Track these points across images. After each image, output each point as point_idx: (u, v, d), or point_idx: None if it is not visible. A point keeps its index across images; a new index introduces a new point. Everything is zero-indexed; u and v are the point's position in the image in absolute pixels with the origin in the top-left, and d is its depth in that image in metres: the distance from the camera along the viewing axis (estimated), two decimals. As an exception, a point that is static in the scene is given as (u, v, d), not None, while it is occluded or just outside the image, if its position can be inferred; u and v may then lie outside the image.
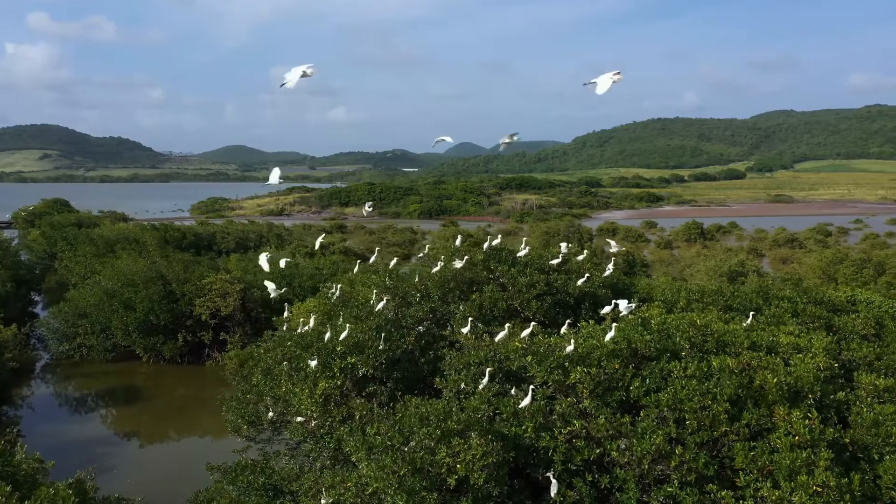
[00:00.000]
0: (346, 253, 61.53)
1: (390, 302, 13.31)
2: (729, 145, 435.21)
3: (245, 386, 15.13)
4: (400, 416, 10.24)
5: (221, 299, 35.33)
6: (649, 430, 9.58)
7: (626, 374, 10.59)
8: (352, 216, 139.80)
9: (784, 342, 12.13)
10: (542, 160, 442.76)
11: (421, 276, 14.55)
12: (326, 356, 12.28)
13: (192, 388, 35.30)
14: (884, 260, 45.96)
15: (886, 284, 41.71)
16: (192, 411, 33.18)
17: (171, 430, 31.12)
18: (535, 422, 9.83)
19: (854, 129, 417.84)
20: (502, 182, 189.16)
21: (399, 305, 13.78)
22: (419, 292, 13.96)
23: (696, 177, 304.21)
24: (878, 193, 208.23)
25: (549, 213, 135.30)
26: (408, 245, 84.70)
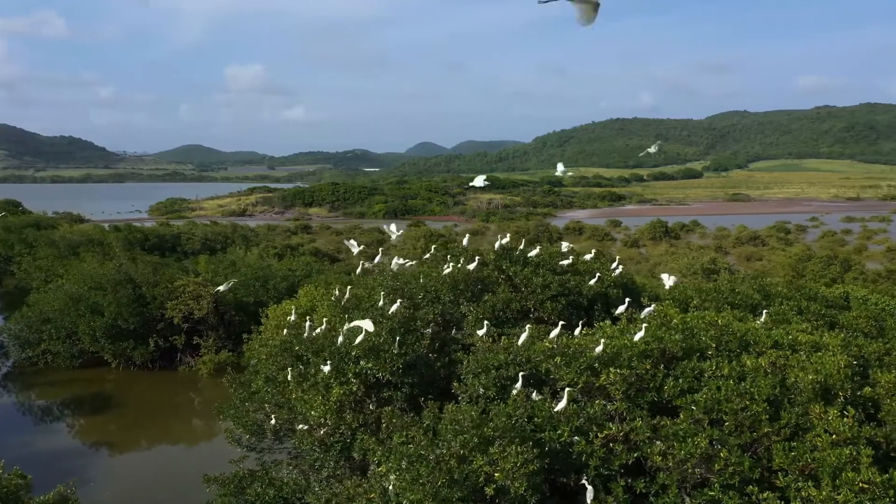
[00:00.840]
0: (316, 254, 60.58)
1: (402, 305, 12.81)
2: (686, 145, 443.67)
3: (243, 393, 14.46)
4: (427, 423, 9.80)
5: (195, 302, 34.32)
6: (690, 433, 9.30)
7: (658, 375, 10.31)
8: (316, 216, 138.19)
9: (803, 340, 12.01)
10: (503, 160, 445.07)
11: (426, 276, 14.10)
12: (339, 361, 11.75)
13: (165, 394, 34.21)
14: (848, 256, 47.12)
15: (852, 280, 42.71)
16: (165, 418, 32.12)
17: (143, 439, 30.05)
18: (571, 426, 9.47)
19: (805, 129, 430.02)
20: (466, 181, 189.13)
21: (407, 307, 13.29)
22: (429, 294, 13.49)
23: (655, 176, 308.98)
24: (829, 192, 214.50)
25: (515, 212, 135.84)
26: (375, 245, 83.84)
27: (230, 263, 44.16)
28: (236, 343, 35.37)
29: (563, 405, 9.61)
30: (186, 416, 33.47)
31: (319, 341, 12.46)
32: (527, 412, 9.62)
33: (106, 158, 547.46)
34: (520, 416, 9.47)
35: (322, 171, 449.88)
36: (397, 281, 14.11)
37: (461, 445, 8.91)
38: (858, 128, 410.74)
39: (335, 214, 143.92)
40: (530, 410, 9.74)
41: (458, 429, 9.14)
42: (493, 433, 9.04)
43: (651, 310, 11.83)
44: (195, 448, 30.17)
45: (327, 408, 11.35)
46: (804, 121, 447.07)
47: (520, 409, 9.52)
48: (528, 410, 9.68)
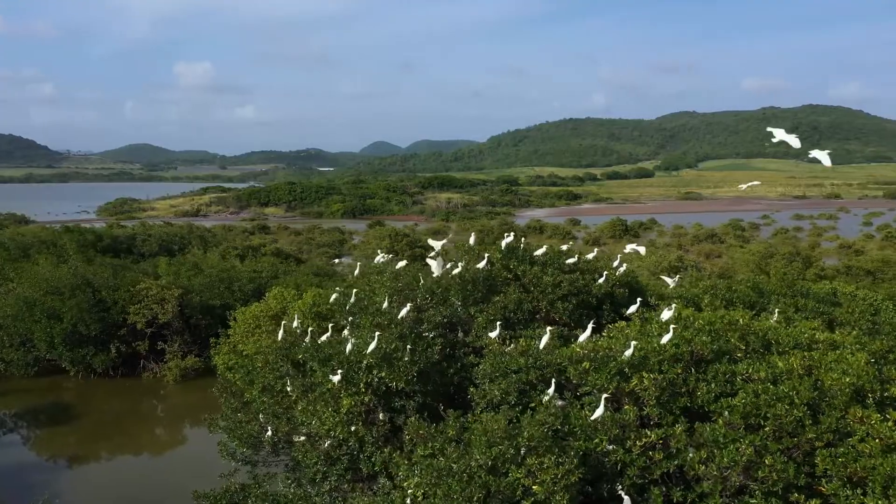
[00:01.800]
0: (279, 254, 59.13)
1: (411, 308, 12.14)
2: (637, 145, 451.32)
3: (235, 403, 13.60)
4: (452, 434, 9.20)
5: (158, 306, 32.94)
6: (731, 439, 8.91)
7: (690, 380, 9.91)
8: (273, 216, 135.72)
9: (820, 339, 11.79)
10: (458, 159, 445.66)
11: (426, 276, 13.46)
12: (349, 370, 11.03)
13: (128, 402, 32.76)
14: (810, 253, 48.21)
15: (815, 276, 43.54)
16: (128, 427, 30.74)
17: (106, 450, 28.66)
18: (610, 435, 8.99)
19: (751, 129, 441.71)
20: (424, 181, 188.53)
21: (412, 310, 12.64)
22: (436, 296, 12.86)
23: (609, 175, 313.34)
24: (777, 190, 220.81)
25: (474, 211, 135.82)
26: (337, 245, 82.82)
27: (192, 265, 42.69)
28: (203, 348, 34.14)
29: (600, 413, 9.11)
30: (151, 424, 32.13)
31: (326, 349, 11.70)
32: (558, 420, 9.09)
33: (49, 158, 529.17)
34: (552, 424, 8.93)
35: (275, 170, 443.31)
36: (399, 282, 13.43)
37: (496, 457, 8.32)
38: (802, 128, 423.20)
39: (292, 214, 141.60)
40: (563, 418, 9.21)
41: (491, 440, 8.55)
42: (529, 443, 8.49)
43: (673, 311, 11.42)
44: (162, 458, 28.94)
45: (338, 419, 10.63)
46: (751, 121, 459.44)
47: (551, 418, 8.98)
48: (559, 418, 9.15)
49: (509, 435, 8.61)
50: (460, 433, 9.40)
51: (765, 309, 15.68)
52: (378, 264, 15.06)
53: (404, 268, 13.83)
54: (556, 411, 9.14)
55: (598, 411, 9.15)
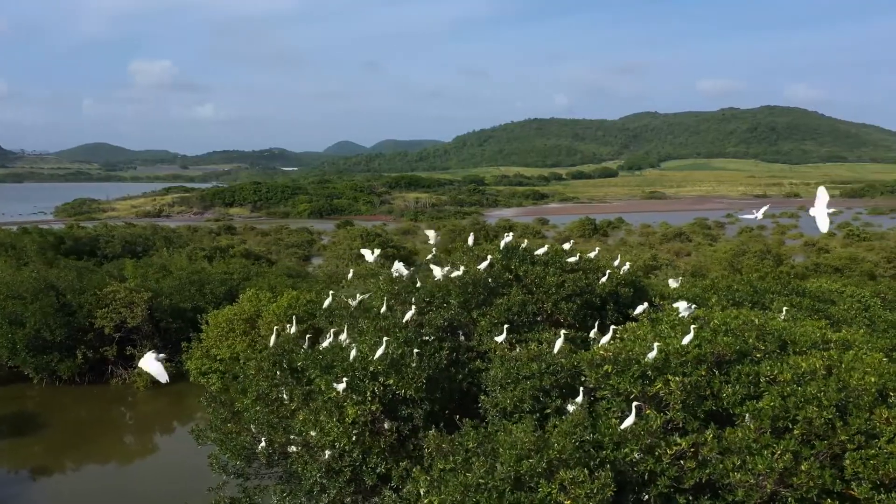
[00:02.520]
0: (248, 255, 57.88)
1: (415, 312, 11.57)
2: (601, 145, 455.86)
3: (224, 413, 12.85)
4: (473, 446, 8.67)
5: (127, 310, 31.74)
6: (764, 444, 8.55)
7: (714, 382, 9.54)
8: (238, 217, 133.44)
9: (832, 338, 11.56)
10: (423, 159, 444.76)
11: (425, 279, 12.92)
12: (353, 377, 10.43)
13: (95, 409, 31.49)
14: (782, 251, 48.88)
15: (785, 274, 44.06)
16: (96, 436, 29.52)
17: (72, 460, 27.47)
18: (641, 444, 8.55)
19: (712, 130, 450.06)
20: (391, 181, 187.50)
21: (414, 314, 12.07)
22: (437, 298, 12.31)
23: (573, 175, 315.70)
24: (738, 189, 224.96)
25: (443, 211, 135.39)
26: (306, 246, 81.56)
27: (160, 267, 41.42)
28: (174, 352, 33.07)
29: (631, 421, 8.67)
30: (120, 432, 30.94)
31: (328, 356, 11.06)
32: (587, 430, 8.62)
33: (2, 157, 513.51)
34: (580, 433, 8.47)
35: (238, 170, 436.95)
36: (396, 285, 12.85)
37: (526, 470, 7.83)
38: (760, 129, 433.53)
39: (258, 215, 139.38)
40: (591, 427, 8.75)
41: (521, 453, 8.04)
42: (560, 456, 8.01)
43: (692, 310, 11.05)
44: (131, 467, 27.87)
45: (343, 430, 10.01)
46: (711, 122, 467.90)
47: (579, 427, 8.51)
48: (587, 428, 8.68)
49: (538, 447, 8.11)
50: (480, 445, 8.87)
51: (765, 307, 15.51)
52: (372, 266, 14.39)
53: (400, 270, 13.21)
54: (583, 420, 8.66)
55: (629, 419, 8.71)
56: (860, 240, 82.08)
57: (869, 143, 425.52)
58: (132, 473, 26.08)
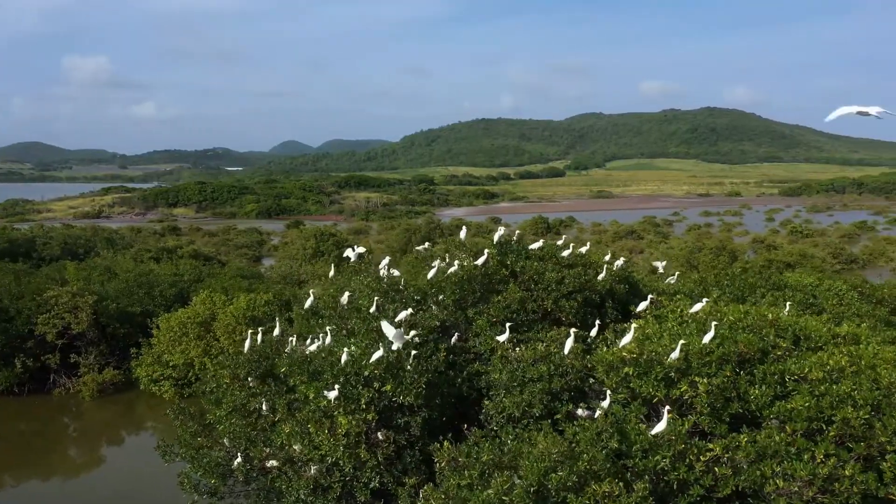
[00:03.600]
0: (197, 256, 55.63)
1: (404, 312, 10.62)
2: (548, 145, 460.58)
3: (194, 426, 11.65)
4: (489, 458, 7.80)
5: (71, 315, 29.80)
6: (803, 449, 7.93)
7: (740, 382, 8.91)
8: (183, 217, 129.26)
9: (842, 332, 11.10)
10: (371, 159, 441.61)
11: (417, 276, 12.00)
12: (346, 384, 9.43)
13: (37, 422, 29.43)
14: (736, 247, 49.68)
15: (741, 270, 44.54)
16: (37, 450, 27.55)
17: (11, 476, 25.54)
18: (674, 451, 7.83)
19: (654, 130, 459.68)
20: (340, 180, 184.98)
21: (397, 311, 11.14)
22: (430, 296, 11.41)
23: (522, 175, 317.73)
24: (682, 189, 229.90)
25: (394, 210, 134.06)
26: (256, 246, 79.38)
27: (105, 269, 39.35)
28: (122, 359, 31.34)
29: (663, 427, 7.94)
30: (64, 445, 29.01)
31: (316, 361, 10.01)
32: (614, 438, 7.86)
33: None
34: (606, 441, 7.70)
35: (180, 170, 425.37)
36: (383, 283, 11.88)
37: (555, 485, 7.01)
38: (701, 130, 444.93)
39: (204, 215, 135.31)
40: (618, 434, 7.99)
41: (548, 465, 7.21)
42: (591, 467, 7.23)
43: (702, 304, 10.43)
44: (76, 482, 26.14)
45: (336, 442, 9.02)
46: (653, 123, 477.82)
47: (604, 434, 7.74)
48: (614, 435, 7.92)
49: (566, 457, 7.30)
50: (496, 456, 8.01)
51: (756, 302, 15.10)
52: (355, 263, 13.35)
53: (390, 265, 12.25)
54: (609, 426, 7.90)
55: (661, 425, 7.98)
56: (804, 236, 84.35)
57: (803, 144, 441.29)
58: (78, 489, 24.40)
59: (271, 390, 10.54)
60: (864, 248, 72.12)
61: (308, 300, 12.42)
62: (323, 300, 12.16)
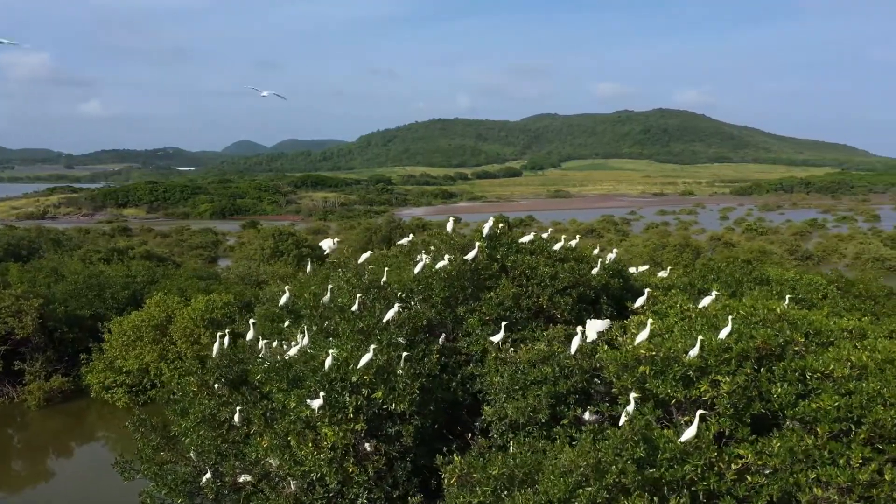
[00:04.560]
0: (150, 257, 53.47)
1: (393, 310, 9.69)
2: (504, 145, 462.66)
3: (157, 439, 10.53)
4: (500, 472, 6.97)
5: (14, 319, 28.02)
6: (839, 452, 7.29)
7: (762, 380, 8.26)
8: (133, 218, 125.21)
9: (849, 326, 10.61)
10: (327, 159, 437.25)
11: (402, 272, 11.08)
12: (331, 391, 8.48)
13: (-24, 433, 27.60)
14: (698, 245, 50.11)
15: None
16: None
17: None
18: (705, 459, 7.11)
19: (608, 131, 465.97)
20: (296, 180, 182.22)
21: (383, 310, 10.23)
22: (416, 293, 10.51)
23: (479, 175, 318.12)
24: (637, 188, 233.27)
25: (353, 210, 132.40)
26: (212, 247, 77.15)
27: (51, 271, 37.29)
28: (71, 365, 29.64)
29: (692, 433, 7.21)
30: (7, 458, 27.24)
31: (297, 365, 9.01)
32: (640, 446, 7.09)
33: None
34: (631, 450, 6.94)
35: (129, 170, 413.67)
36: (363, 279, 10.94)
37: (585, 501, 6.22)
38: (653, 131, 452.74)
39: (155, 215, 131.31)
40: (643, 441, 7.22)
41: (575, 480, 6.41)
42: (620, 480, 6.45)
43: (711, 298, 9.77)
44: (20, 497, 24.50)
45: (322, 457, 8.07)
46: (607, 124, 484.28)
47: (629, 442, 6.97)
48: (639, 444, 7.16)
49: (594, 469, 6.51)
50: (510, 469, 7.18)
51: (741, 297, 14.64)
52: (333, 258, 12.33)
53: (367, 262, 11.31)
54: (636, 433, 7.13)
55: (691, 431, 7.26)
56: (759, 234, 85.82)
57: (751, 145, 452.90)
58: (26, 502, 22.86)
59: (246, 399, 9.51)
60: (817, 245, 73.59)
61: (283, 297, 11.38)
62: (304, 298, 11.12)
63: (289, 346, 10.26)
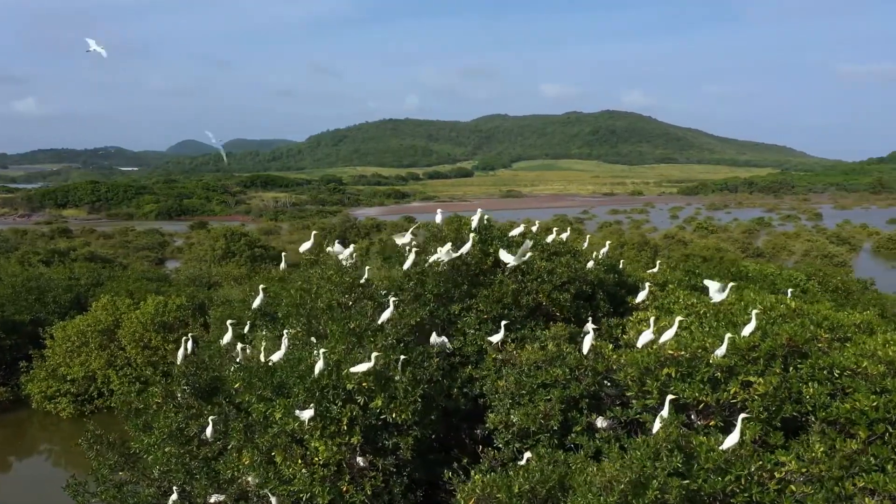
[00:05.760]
0: (93, 259, 51.03)
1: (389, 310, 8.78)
2: (455, 146, 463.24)
3: (114, 457, 9.37)
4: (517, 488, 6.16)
5: (-54, 325, 26.05)
6: (886, 458, 6.72)
7: (792, 380, 7.65)
8: (74, 219, 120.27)
9: (858, 321, 10.16)
10: (277, 159, 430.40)
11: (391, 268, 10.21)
12: (321, 399, 7.53)
13: None
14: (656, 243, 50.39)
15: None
16: None
17: None
18: (749, 469, 6.44)
19: (558, 132, 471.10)
20: (245, 180, 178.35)
21: (376, 309, 9.35)
22: (407, 291, 9.63)
23: (430, 175, 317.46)
24: (588, 188, 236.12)
25: (304, 210, 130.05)
26: (159, 248, 74.50)
27: (-15, 272, 35.11)
28: (9, 374, 27.78)
29: (734, 440, 6.53)
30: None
31: (282, 373, 8.00)
32: (678, 457, 6.37)
33: None
34: (666, 461, 6.21)
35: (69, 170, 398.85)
36: (347, 276, 9.99)
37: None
38: (602, 132, 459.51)
39: (97, 216, 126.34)
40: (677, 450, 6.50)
41: (615, 500, 5.64)
42: (662, 496, 5.72)
43: (727, 292, 9.16)
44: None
45: (313, 474, 7.12)
46: (556, 125, 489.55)
47: (664, 451, 6.24)
48: (675, 453, 6.43)
49: (635, 485, 5.76)
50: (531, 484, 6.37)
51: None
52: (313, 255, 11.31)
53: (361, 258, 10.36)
54: (672, 441, 6.40)
55: (733, 438, 6.58)
56: (709, 232, 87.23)
57: (695, 146, 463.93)
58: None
59: (223, 410, 8.47)
60: (766, 243, 75.15)
61: (257, 299, 10.33)
62: (289, 296, 10.07)
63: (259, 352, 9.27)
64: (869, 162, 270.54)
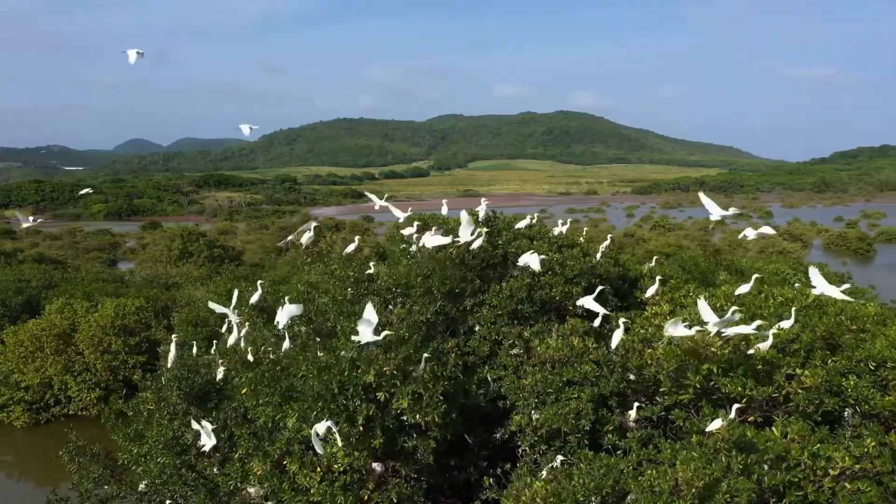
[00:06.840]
0: (42, 261, 48.91)
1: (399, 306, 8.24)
2: (410, 145, 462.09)
3: (98, 470, 8.56)
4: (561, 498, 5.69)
5: None
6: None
7: (831, 372, 7.37)
8: (14, 219, 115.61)
9: (871, 312, 10.02)
10: (228, 158, 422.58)
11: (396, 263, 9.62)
12: (337, 395, 6.91)
13: None
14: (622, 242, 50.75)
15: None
16: None
17: None
18: (805, 466, 6.08)
19: (513, 132, 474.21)
20: (198, 179, 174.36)
21: (380, 306, 8.77)
22: (416, 287, 9.08)
23: (386, 174, 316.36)
24: (543, 188, 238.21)
25: (260, 210, 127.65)
26: (110, 249, 72.07)
27: (-75, 277, 33.29)
28: (-43, 382, 26.14)
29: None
30: None
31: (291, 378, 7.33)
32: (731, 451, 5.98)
33: None
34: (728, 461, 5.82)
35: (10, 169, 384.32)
36: (352, 271, 9.39)
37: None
38: (556, 132, 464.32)
39: (42, 217, 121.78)
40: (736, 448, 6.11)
41: (687, 503, 5.22)
42: (733, 499, 5.31)
43: (750, 286, 8.85)
44: None
45: (332, 483, 6.52)
46: (511, 125, 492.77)
47: (722, 451, 5.84)
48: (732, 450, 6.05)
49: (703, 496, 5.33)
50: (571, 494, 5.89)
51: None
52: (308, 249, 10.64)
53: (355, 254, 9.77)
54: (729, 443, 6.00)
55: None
56: (666, 230, 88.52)
57: (647, 147, 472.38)
58: None
59: (229, 416, 7.79)
60: (722, 240, 76.57)
61: (255, 294, 9.61)
62: (296, 290, 9.37)
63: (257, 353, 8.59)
64: (812, 162, 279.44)
